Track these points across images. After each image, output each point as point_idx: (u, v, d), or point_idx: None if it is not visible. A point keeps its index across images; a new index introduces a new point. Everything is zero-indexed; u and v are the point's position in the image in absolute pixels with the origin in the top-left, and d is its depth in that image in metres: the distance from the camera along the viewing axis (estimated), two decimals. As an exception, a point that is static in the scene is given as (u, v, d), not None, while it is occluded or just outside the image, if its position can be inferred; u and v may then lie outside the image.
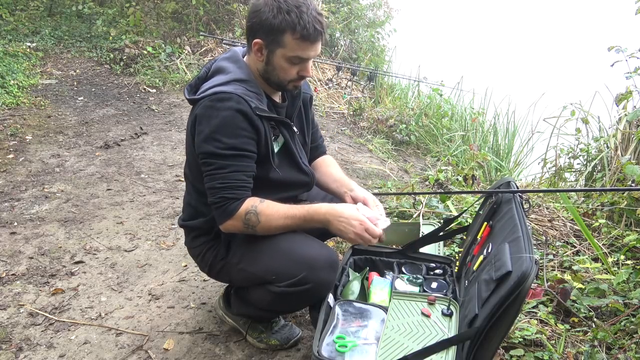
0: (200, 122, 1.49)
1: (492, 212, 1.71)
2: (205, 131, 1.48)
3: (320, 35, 1.48)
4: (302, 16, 1.42)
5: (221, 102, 1.46)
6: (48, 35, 6.61)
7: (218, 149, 1.47)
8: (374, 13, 7.34)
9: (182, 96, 5.32)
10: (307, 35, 1.44)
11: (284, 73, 1.53)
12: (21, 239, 2.59)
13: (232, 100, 1.46)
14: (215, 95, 1.47)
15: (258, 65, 1.55)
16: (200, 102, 1.50)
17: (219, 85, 1.50)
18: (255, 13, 1.46)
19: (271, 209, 1.54)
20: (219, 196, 1.50)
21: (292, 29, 1.43)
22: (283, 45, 1.46)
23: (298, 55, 1.48)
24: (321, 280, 1.54)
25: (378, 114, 4.97)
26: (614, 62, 3.04)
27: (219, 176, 1.49)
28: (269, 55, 1.50)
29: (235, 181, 1.50)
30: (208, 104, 1.48)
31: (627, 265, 2.15)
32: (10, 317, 2.01)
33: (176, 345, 1.86)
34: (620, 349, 1.69)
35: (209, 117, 1.47)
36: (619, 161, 2.93)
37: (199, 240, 1.71)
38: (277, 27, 1.43)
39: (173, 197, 3.14)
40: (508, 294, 1.23)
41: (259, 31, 1.47)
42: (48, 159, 3.63)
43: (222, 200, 1.50)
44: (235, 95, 1.47)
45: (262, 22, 1.44)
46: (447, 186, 3.25)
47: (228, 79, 1.52)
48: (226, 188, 1.49)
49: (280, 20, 1.42)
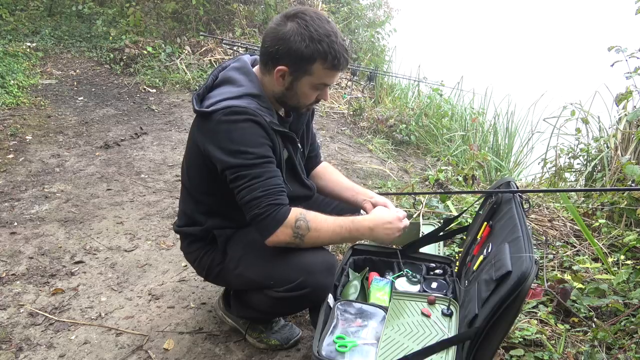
0: (218, 137, 1.44)
1: (492, 212, 1.71)
2: (227, 146, 1.43)
3: (347, 64, 1.49)
4: (332, 46, 1.42)
5: (237, 115, 1.42)
6: (48, 35, 6.61)
7: (248, 160, 1.42)
8: (374, 13, 7.35)
9: (182, 96, 5.32)
10: (337, 65, 1.45)
11: (305, 98, 1.53)
12: (21, 239, 2.59)
13: (247, 114, 1.43)
14: (230, 109, 1.43)
15: (275, 89, 1.52)
16: (214, 117, 1.44)
17: (230, 99, 1.46)
18: (283, 41, 1.42)
19: (319, 217, 1.51)
20: (265, 205, 1.43)
21: (323, 59, 1.43)
22: (311, 73, 1.46)
23: (324, 82, 1.49)
24: (319, 284, 1.53)
25: (378, 114, 4.97)
26: (614, 62, 3.04)
27: (257, 185, 1.43)
28: (293, 82, 1.48)
29: (276, 186, 1.45)
30: (223, 119, 1.43)
31: (627, 265, 2.15)
32: (10, 317, 2.01)
33: (176, 345, 1.86)
34: (620, 349, 1.69)
35: (228, 131, 1.43)
36: (619, 161, 2.93)
37: (195, 245, 1.70)
38: (307, 56, 1.42)
39: (173, 197, 3.14)
40: (508, 294, 1.23)
41: (285, 58, 1.44)
42: (48, 159, 3.63)
43: (270, 209, 1.43)
44: (249, 109, 1.44)
45: (291, 50, 1.42)
46: (447, 186, 3.25)
47: (240, 93, 1.48)
48: (270, 195, 1.43)
49: (313, 50, 1.41)
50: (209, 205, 1.65)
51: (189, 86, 5.52)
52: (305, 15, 1.42)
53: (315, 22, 1.42)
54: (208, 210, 1.66)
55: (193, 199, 1.67)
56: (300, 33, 1.40)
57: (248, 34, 6.31)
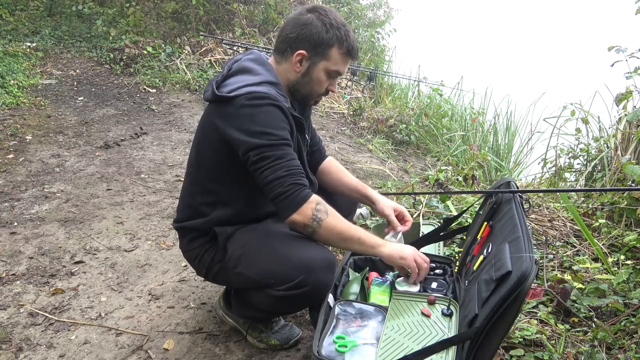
0: (241, 120, 1.48)
1: (492, 212, 1.71)
2: (251, 128, 1.47)
3: (357, 54, 1.64)
4: (348, 34, 1.57)
5: (259, 99, 1.48)
6: (48, 35, 6.61)
7: (271, 141, 1.47)
8: (374, 13, 7.36)
9: (182, 96, 5.32)
10: (351, 51, 1.59)
11: (318, 86, 1.62)
12: (21, 239, 2.59)
13: (269, 99, 1.49)
14: (251, 94, 1.49)
15: (291, 75, 1.61)
16: (236, 101, 1.49)
17: (250, 85, 1.51)
18: (305, 26, 1.54)
19: (336, 212, 1.55)
20: (289, 184, 1.47)
21: (340, 44, 1.56)
22: (328, 58, 1.57)
23: (338, 69, 1.60)
24: (319, 282, 1.54)
25: (378, 114, 4.97)
26: (614, 62, 3.04)
27: (280, 165, 1.47)
28: (310, 66, 1.58)
29: (298, 168, 1.50)
30: (246, 103, 1.48)
31: (627, 265, 2.15)
32: (10, 317, 2.01)
33: (176, 345, 1.86)
34: (620, 349, 1.69)
35: (251, 114, 1.47)
36: (619, 161, 2.93)
37: (196, 242, 1.70)
38: (327, 40, 1.54)
39: (173, 197, 3.14)
40: (508, 294, 1.23)
41: (305, 43, 1.55)
42: (48, 159, 3.63)
43: (293, 188, 1.47)
44: (270, 94, 1.50)
45: (312, 34, 1.54)
46: (447, 186, 3.25)
47: (259, 80, 1.53)
48: (293, 175, 1.48)
49: (332, 35, 1.54)
50: (218, 195, 1.65)
51: (189, 86, 5.52)
52: (323, 9, 1.59)
53: (333, 13, 1.58)
54: (216, 200, 1.66)
55: (202, 189, 1.67)
56: (321, 19, 1.55)
57: (248, 34, 6.32)
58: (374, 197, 1.88)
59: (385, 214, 1.84)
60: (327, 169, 1.95)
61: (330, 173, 1.95)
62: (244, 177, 1.58)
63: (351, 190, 1.92)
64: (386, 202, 1.87)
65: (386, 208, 1.84)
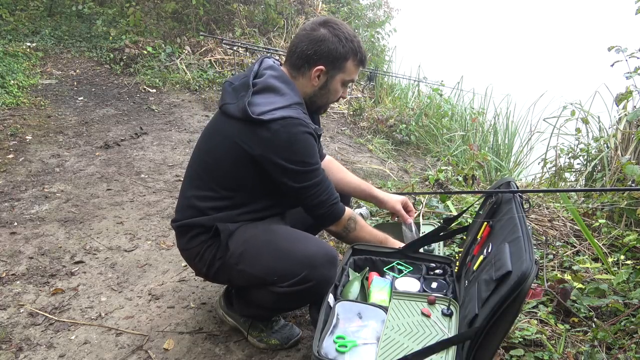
0: (278, 147, 1.54)
1: (492, 212, 1.71)
2: (290, 157, 1.56)
3: (367, 61, 1.74)
4: (360, 44, 1.66)
5: (294, 127, 1.54)
6: (48, 35, 6.61)
7: (307, 167, 1.60)
8: (374, 13, 7.36)
9: (182, 96, 5.32)
10: (363, 60, 1.68)
11: (334, 96, 1.71)
12: (21, 239, 2.59)
13: (302, 125, 1.56)
14: (285, 120, 1.53)
15: (307, 89, 1.67)
16: (271, 126, 1.52)
17: (282, 109, 1.55)
18: (322, 42, 1.60)
19: (363, 221, 1.81)
20: (329, 205, 1.67)
21: (354, 55, 1.64)
22: (344, 70, 1.65)
23: (352, 78, 1.69)
24: (322, 277, 1.56)
25: (378, 114, 4.97)
26: (614, 62, 3.04)
27: (321, 191, 1.64)
28: (328, 80, 1.65)
29: (331, 187, 1.68)
30: (282, 130, 1.52)
31: (627, 265, 2.15)
32: (10, 317, 2.01)
33: (176, 345, 1.86)
34: (620, 349, 1.69)
35: (288, 142, 1.54)
36: (619, 161, 2.93)
37: (197, 239, 1.69)
38: (342, 54, 1.62)
39: (173, 197, 3.14)
40: (508, 294, 1.23)
41: (323, 58, 1.61)
42: (48, 159, 3.63)
43: (332, 207, 1.68)
44: (302, 120, 1.57)
45: (330, 50, 1.60)
46: (447, 186, 3.25)
47: (288, 102, 1.57)
48: (331, 196, 1.67)
49: (348, 49, 1.62)
50: (232, 200, 1.67)
51: (189, 86, 5.52)
52: (334, 22, 1.64)
53: (343, 26, 1.65)
54: (228, 205, 1.67)
55: (214, 194, 1.66)
56: (335, 34, 1.61)
57: (248, 34, 6.31)
58: (380, 197, 2.01)
59: (395, 209, 2.00)
60: (328, 169, 1.94)
61: (332, 172, 1.97)
62: (262, 187, 1.65)
63: (355, 190, 2.02)
64: (393, 198, 2.01)
65: (396, 204, 2.00)
